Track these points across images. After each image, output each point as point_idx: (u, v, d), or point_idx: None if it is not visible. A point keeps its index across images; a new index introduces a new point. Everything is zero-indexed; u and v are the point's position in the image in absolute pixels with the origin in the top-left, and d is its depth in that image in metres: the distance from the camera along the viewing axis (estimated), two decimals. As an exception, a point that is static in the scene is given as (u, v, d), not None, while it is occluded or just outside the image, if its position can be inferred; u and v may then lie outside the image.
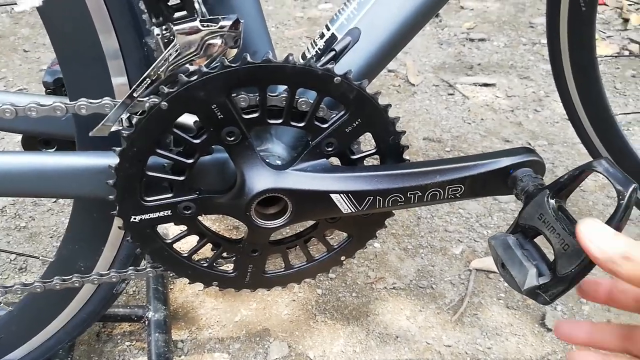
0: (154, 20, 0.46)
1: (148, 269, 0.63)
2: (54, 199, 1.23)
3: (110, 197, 0.53)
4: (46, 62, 1.80)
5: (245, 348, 0.91)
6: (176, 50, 0.47)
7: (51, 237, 1.13)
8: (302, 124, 0.53)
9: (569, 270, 0.43)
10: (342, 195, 0.55)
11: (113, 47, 0.51)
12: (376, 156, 0.58)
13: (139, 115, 0.49)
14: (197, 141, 0.52)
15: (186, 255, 0.61)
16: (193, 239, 0.61)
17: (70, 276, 0.62)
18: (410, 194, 0.55)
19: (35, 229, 1.15)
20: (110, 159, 0.52)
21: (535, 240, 0.50)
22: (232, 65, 0.48)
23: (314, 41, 0.58)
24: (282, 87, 0.52)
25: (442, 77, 1.72)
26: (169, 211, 0.55)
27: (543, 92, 1.66)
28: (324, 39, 0.56)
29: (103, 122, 0.49)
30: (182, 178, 0.54)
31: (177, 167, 0.54)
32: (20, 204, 1.21)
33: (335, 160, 0.58)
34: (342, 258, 0.64)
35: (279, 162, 0.57)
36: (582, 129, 0.99)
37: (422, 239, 1.14)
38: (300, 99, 0.52)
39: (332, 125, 0.53)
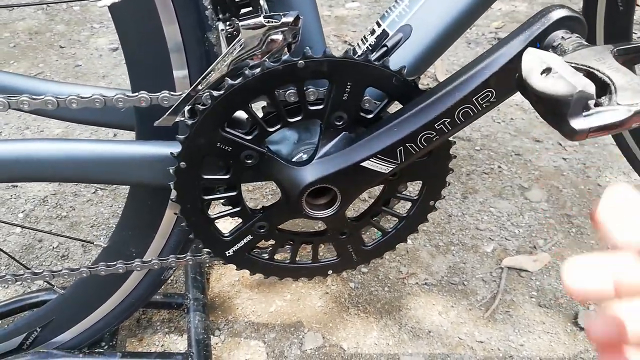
0: (220, 15, 0.49)
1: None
2: (93, 190, 1.27)
3: (170, 183, 0.55)
4: (81, 57, 1.85)
5: (280, 337, 0.93)
6: (240, 45, 0.49)
7: (91, 227, 1.17)
8: (300, 116, 0.54)
9: (637, 102, 0.36)
10: (371, 159, 0.54)
11: (176, 40, 0.54)
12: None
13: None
14: (227, 177, 0.57)
15: (289, 261, 0.67)
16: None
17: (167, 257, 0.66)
18: (439, 125, 0.51)
19: (75, 219, 1.19)
20: (172, 148, 0.54)
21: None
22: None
23: (365, 37, 0.59)
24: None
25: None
26: (249, 235, 0.61)
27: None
28: (375, 35, 0.58)
29: (168, 113, 0.51)
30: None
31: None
32: (61, 194, 1.25)
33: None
34: (431, 203, 0.63)
35: (305, 157, 0.59)
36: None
37: (454, 236, 1.15)
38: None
39: (328, 101, 0.53)
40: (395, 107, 0.57)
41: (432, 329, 0.95)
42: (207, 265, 1.04)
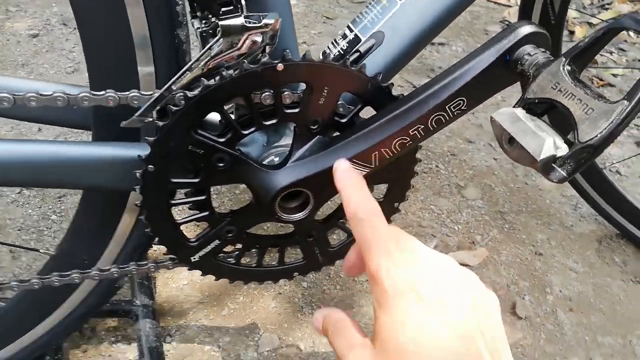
0: (197, 13, 0.46)
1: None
2: (18, 190, 1.16)
3: (135, 187, 0.52)
4: (-4, 44, 1.69)
5: (235, 341, 0.91)
6: (218, 45, 0.47)
7: (19, 230, 1.08)
8: (274, 119, 0.53)
9: (595, 135, 0.41)
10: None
11: (144, 35, 0.51)
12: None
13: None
14: (197, 180, 0.55)
15: (256, 265, 0.66)
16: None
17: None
18: (413, 132, 0.52)
19: (0, 222, 1.09)
20: (138, 150, 0.51)
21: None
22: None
23: (335, 40, 0.60)
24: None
25: (406, 78, 1.78)
26: (217, 240, 0.59)
27: (500, 96, 1.76)
28: (347, 39, 0.58)
29: (138, 113, 0.48)
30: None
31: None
32: (-19, 195, 1.14)
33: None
34: (396, 205, 0.65)
35: (277, 160, 0.59)
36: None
37: (399, 233, 1.18)
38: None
39: (305, 105, 0.52)
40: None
41: (383, 324, 0.98)
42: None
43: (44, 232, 1.08)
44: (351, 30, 0.58)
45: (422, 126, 0.53)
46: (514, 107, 0.47)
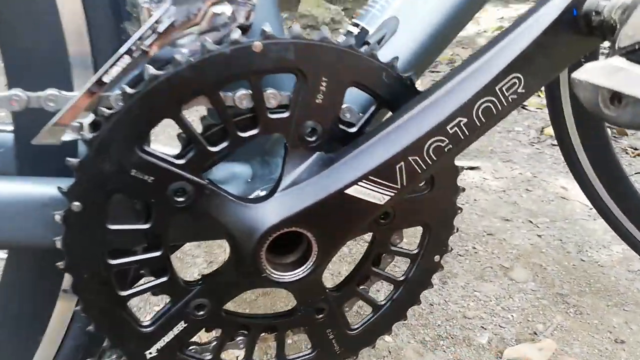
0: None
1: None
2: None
3: (56, 240, 0.35)
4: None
5: None
6: (168, 16, 0.33)
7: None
8: (255, 129, 0.38)
9: None
10: (361, 183, 0.38)
11: (78, 29, 0.38)
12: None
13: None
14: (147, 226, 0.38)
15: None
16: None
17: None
18: (452, 128, 0.37)
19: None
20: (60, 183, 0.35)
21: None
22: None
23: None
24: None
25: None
26: (182, 322, 0.41)
27: (530, 173, 1.61)
28: (351, 36, 0.45)
29: (52, 121, 0.33)
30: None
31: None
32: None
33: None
34: (436, 258, 0.47)
35: (263, 191, 0.42)
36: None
37: (440, 328, 0.95)
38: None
39: (296, 106, 0.37)
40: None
41: None
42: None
43: None
44: (356, 25, 0.45)
45: (466, 119, 0.37)
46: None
